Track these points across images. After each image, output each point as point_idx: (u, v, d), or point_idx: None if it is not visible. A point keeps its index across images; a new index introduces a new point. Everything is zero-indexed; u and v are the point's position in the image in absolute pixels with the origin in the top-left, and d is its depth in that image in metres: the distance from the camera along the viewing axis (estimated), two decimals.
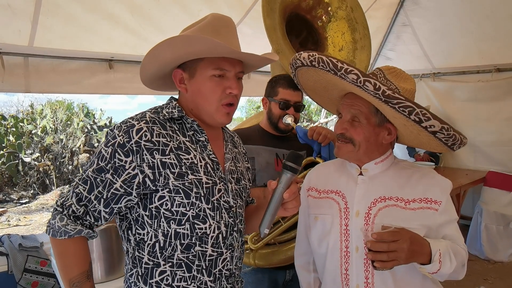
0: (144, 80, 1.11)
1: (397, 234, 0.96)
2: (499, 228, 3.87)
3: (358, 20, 2.00)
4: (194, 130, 1.05)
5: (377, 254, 0.95)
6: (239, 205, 1.12)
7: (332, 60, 0.98)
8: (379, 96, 0.93)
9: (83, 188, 0.96)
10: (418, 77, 4.86)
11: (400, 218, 1.05)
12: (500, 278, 3.51)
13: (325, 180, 1.25)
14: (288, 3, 1.83)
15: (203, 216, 1.00)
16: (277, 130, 1.70)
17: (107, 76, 2.90)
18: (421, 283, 1.10)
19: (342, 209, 1.15)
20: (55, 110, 8.69)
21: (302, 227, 1.31)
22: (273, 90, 1.69)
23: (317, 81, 1.15)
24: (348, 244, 1.12)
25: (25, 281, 2.34)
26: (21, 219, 6.26)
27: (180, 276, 1.00)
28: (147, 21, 2.75)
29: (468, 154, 4.56)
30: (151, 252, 0.99)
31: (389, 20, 4.47)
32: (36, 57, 2.57)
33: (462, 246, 1.10)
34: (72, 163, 8.52)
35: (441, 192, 1.09)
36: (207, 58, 1.00)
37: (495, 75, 4.19)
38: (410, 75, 1.15)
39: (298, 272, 1.37)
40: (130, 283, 1.03)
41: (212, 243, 1.02)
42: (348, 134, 1.10)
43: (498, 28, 3.76)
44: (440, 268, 0.99)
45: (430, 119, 0.94)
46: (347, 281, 1.12)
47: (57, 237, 0.96)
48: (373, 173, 1.15)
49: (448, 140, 0.98)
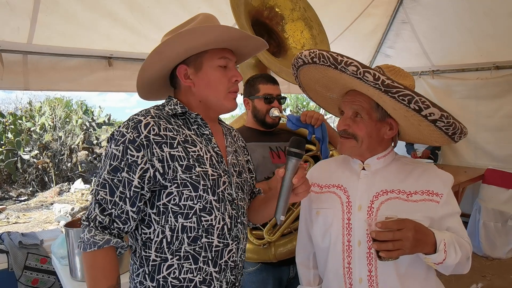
0: (142, 81, 1.10)
1: (402, 223, 0.96)
2: (497, 225, 3.89)
3: (313, 19, 2.15)
4: (198, 124, 1.08)
5: (382, 244, 0.95)
6: (241, 197, 1.13)
7: (332, 55, 0.99)
8: (379, 86, 0.94)
9: (104, 192, 0.96)
10: (417, 74, 4.86)
11: (403, 210, 1.04)
12: (498, 275, 3.53)
13: (327, 176, 1.26)
14: (250, 8, 1.93)
15: (209, 208, 1.02)
16: (264, 125, 1.75)
17: (106, 74, 2.90)
18: (425, 276, 1.11)
19: (344, 203, 1.16)
20: (54, 108, 8.68)
21: (303, 223, 1.32)
22: (253, 88, 1.75)
23: (319, 80, 1.15)
24: (350, 238, 1.12)
25: (25, 278, 2.35)
26: (20, 217, 6.26)
27: (186, 268, 1.01)
28: (146, 19, 2.74)
29: (469, 151, 4.58)
30: (159, 249, 1.00)
31: (388, 17, 4.48)
32: (35, 55, 2.56)
33: (466, 239, 1.10)
34: (71, 161, 8.52)
35: (442, 185, 1.10)
36: (210, 50, 1.04)
37: (494, 73, 4.20)
38: (409, 73, 1.15)
39: (298, 269, 1.38)
40: (136, 283, 1.04)
41: (218, 234, 1.04)
42: (350, 130, 1.12)
43: (497, 26, 3.76)
44: (446, 258, 0.99)
45: (430, 107, 0.94)
46: (349, 274, 1.12)
47: (87, 250, 0.95)
48: (375, 168, 1.16)
49: (448, 128, 0.99)
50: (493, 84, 4.22)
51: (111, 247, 0.97)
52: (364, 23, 4.27)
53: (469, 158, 4.59)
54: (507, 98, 4.17)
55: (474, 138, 4.48)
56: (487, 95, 4.29)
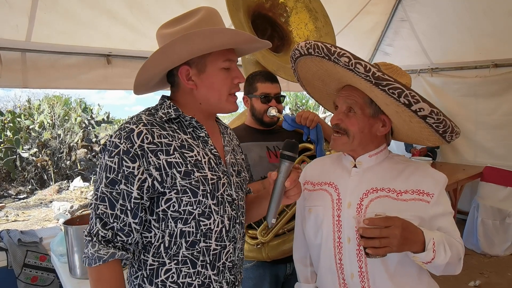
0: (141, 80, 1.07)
1: (389, 220, 0.95)
2: (495, 223, 3.90)
3: (318, 10, 2.08)
4: (193, 127, 1.05)
5: (369, 241, 0.94)
6: (241, 197, 1.13)
7: (326, 45, 0.99)
8: (370, 78, 0.94)
9: (104, 206, 0.94)
10: (416, 72, 4.86)
11: (392, 209, 1.04)
12: (496, 272, 3.54)
13: (320, 173, 1.27)
14: (250, 3, 1.88)
15: (208, 212, 1.01)
16: (263, 124, 1.74)
17: (105, 71, 2.90)
18: (417, 275, 1.11)
19: (334, 200, 1.16)
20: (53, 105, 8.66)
21: (299, 220, 1.33)
22: (252, 87, 1.73)
23: (315, 73, 1.16)
24: (341, 235, 1.13)
25: (24, 276, 2.35)
26: (19, 214, 6.26)
27: (185, 273, 1.00)
28: (146, 17, 2.74)
29: (468, 148, 4.59)
30: (156, 254, 0.99)
31: (388, 15, 4.48)
32: (33, 52, 2.56)
33: (458, 239, 1.09)
34: (70, 159, 8.51)
35: (434, 185, 1.09)
36: (215, 51, 1.01)
37: (492, 71, 4.20)
38: (406, 72, 1.16)
39: (296, 266, 1.39)
40: (134, 285, 1.03)
41: (216, 237, 1.03)
42: (343, 125, 1.12)
43: (496, 24, 3.77)
44: (434, 257, 0.98)
45: (420, 102, 0.94)
46: (341, 270, 1.13)
47: (92, 265, 0.94)
48: (367, 166, 1.16)
49: (438, 126, 0.98)
50: (492, 82, 4.22)
51: (116, 260, 0.96)
52: (363, 21, 4.28)
53: (468, 156, 4.60)
54: (505, 96, 4.18)
55: (473, 136, 4.49)
56: (486, 93, 4.30)
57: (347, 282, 1.13)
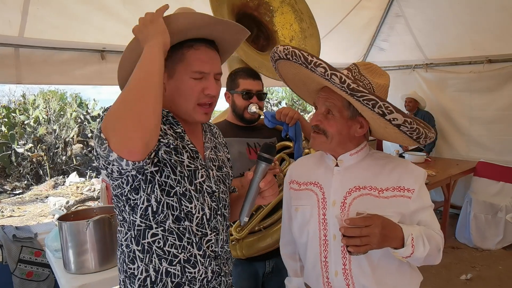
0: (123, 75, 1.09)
1: (369, 219, 0.99)
2: (488, 217, 3.95)
3: (303, 11, 2.10)
4: (170, 123, 1.07)
5: (351, 239, 0.99)
6: (222, 190, 1.15)
7: (303, 54, 1.01)
8: (345, 89, 0.97)
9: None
10: (411, 67, 4.89)
11: (374, 207, 1.08)
12: (487, 265, 3.60)
13: (305, 173, 1.29)
14: (234, 2, 1.88)
15: (189, 196, 1.04)
16: (243, 121, 1.74)
17: (100, 67, 2.89)
18: (397, 267, 1.14)
19: (320, 199, 1.19)
20: (48, 100, 8.61)
21: (286, 218, 1.36)
22: (233, 83, 1.73)
23: (296, 74, 1.18)
24: (326, 232, 1.16)
25: (19, 271, 2.37)
26: (15, 210, 6.26)
27: (171, 243, 1.03)
28: (140, 11, 2.69)
29: (462, 143, 4.64)
30: (143, 215, 1.01)
31: (382, 10, 4.48)
32: (27, 48, 2.55)
33: (437, 231, 1.13)
34: (65, 154, 8.49)
35: (414, 181, 1.13)
36: (187, 59, 1.02)
37: (486, 66, 4.23)
38: (385, 71, 1.18)
39: (284, 261, 1.42)
40: (123, 248, 1.06)
41: (197, 222, 1.05)
42: (322, 126, 1.15)
43: (491, 20, 3.78)
44: (413, 252, 1.02)
45: (393, 112, 0.97)
46: (326, 268, 1.16)
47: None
48: (348, 164, 1.19)
49: (412, 133, 1.01)
50: (486, 77, 4.25)
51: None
52: (358, 16, 4.27)
53: (462, 151, 4.64)
54: (499, 92, 4.21)
55: (468, 131, 4.53)
56: (480, 88, 4.33)
57: (331, 281, 1.16)
